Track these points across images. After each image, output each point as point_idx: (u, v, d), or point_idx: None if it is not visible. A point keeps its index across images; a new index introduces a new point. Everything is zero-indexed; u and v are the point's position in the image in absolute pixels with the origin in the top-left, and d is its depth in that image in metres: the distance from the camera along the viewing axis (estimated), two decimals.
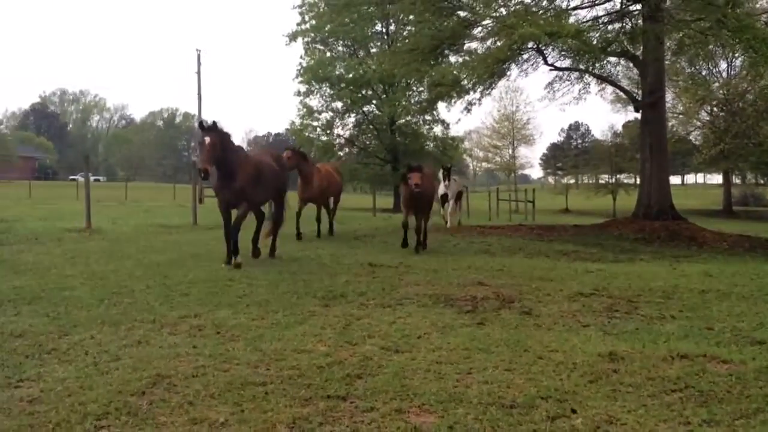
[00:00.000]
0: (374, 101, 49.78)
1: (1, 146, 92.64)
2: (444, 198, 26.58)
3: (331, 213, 22.13)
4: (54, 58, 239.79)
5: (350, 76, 48.19)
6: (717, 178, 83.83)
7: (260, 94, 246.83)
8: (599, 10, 29.00)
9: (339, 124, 52.27)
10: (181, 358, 6.96)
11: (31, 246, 16.20)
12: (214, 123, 13.14)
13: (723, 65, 56.52)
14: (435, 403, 5.66)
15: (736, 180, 78.81)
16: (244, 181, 13.41)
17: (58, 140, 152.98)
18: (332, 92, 50.10)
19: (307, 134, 51.95)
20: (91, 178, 22.29)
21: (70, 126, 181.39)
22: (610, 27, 28.62)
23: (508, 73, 29.57)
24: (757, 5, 30.72)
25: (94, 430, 5.05)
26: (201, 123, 13.27)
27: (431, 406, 5.61)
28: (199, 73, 65.29)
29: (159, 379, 6.26)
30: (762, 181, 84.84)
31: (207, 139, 12.61)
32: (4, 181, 75.49)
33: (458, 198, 28.85)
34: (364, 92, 49.65)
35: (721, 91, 60.93)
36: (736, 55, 38.41)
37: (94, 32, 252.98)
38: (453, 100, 30.65)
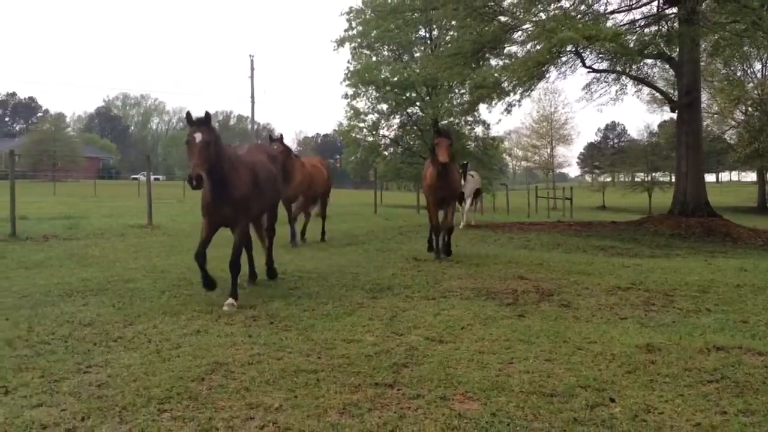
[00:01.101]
0: (418, 103, 49.65)
1: (68, 148, 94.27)
2: (461, 196, 24.03)
3: (322, 216, 18.62)
4: (117, 64, 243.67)
5: (395, 79, 48.12)
6: (751, 176, 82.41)
7: (309, 97, 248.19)
8: (636, 14, 28.79)
9: (384, 125, 52.25)
10: (238, 346, 7.05)
11: (97, 241, 16.48)
12: (207, 115, 9.08)
13: (758, 66, 55.52)
14: (478, 391, 5.66)
15: None
16: (244, 191, 9.53)
17: (121, 142, 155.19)
18: (378, 95, 50.08)
19: (354, 135, 52.03)
20: (152, 177, 22.14)
21: (132, 128, 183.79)
22: (646, 30, 28.38)
23: (547, 75, 29.45)
24: None
25: (157, 413, 5.13)
26: (189, 115, 9.00)
27: (474, 394, 5.61)
28: (252, 77, 66.35)
29: (217, 366, 6.34)
30: None
31: (198, 136, 8.77)
32: (71, 180, 76.79)
33: (476, 195, 26.91)
34: (408, 94, 49.54)
35: (755, 91, 59.83)
36: None
37: (155, 40, 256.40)
38: (494, 102, 30.49)
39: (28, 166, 78.05)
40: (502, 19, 27.05)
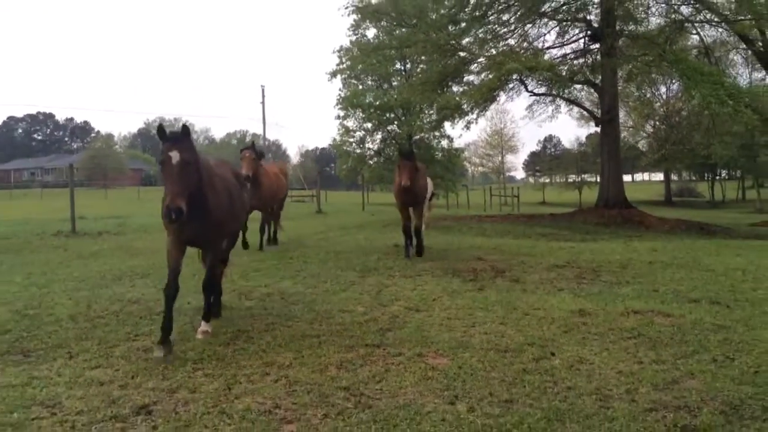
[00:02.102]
0: (396, 122, 49.57)
1: (116, 161, 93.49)
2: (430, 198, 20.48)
3: (275, 221, 14.47)
4: (156, 92, 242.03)
5: (377, 103, 48.04)
6: (659, 176, 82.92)
7: (309, 117, 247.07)
8: (567, 49, 28.99)
9: (369, 139, 52.04)
10: (255, 317, 7.04)
11: (141, 235, 16.38)
12: (185, 129, 5.73)
13: (663, 89, 55.82)
14: (447, 349, 5.69)
15: (674, 177, 77.90)
16: (221, 211, 6.23)
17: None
18: (364, 116, 49.97)
19: (345, 148, 51.92)
20: None
21: None
22: (575, 61, 28.64)
23: (498, 98, 29.53)
24: (689, 42, 30.28)
25: (192, 371, 5.13)
26: (161, 129, 5.58)
27: (444, 352, 5.63)
28: (263, 103, 65.78)
29: (239, 333, 6.33)
30: (694, 178, 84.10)
31: (175, 156, 5.47)
32: (119, 187, 76.22)
33: (430, 199, 22.27)
34: (388, 115, 49.45)
35: (661, 109, 60.40)
36: (673, 81, 37.88)
37: (187, 72, 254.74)
38: (456, 120, 30.46)
39: (84, 177, 77.24)
40: (462, 54, 27.10)
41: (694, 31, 28.14)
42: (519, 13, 26.85)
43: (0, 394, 4.60)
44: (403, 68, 48.23)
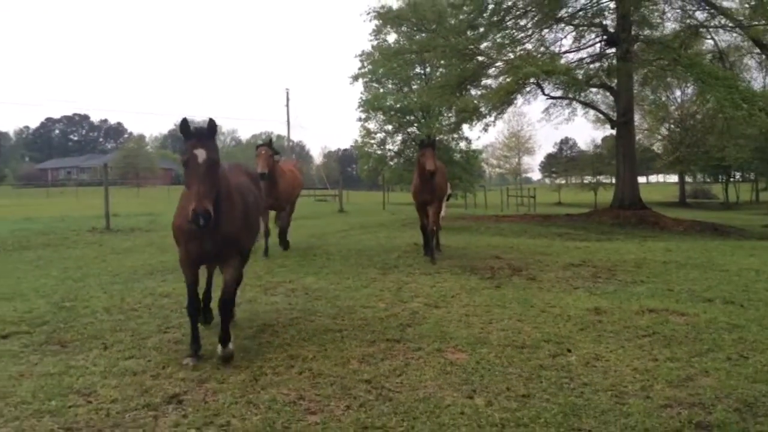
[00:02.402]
0: (415, 124, 49.53)
1: (148, 161, 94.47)
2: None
3: (287, 221, 12.88)
4: (186, 94, 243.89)
5: (398, 106, 48.06)
6: (674, 178, 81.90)
7: (332, 119, 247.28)
8: (583, 53, 28.80)
9: (390, 141, 52.07)
10: (280, 312, 7.07)
11: (172, 232, 16.49)
12: (213, 125, 5.00)
13: (678, 93, 55.08)
14: (465, 345, 5.68)
15: (689, 179, 76.90)
16: (237, 223, 5.44)
17: None
18: (384, 118, 50.02)
19: (366, 149, 52.02)
20: None
21: None
22: (592, 65, 28.39)
23: (515, 101, 29.48)
24: (703, 47, 29.90)
25: (220, 363, 5.17)
26: (185, 124, 4.91)
27: (463, 347, 5.62)
28: (288, 105, 66.07)
29: (265, 327, 6.37)
30: (708, 180, 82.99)
31: (201, 155, 4.84)
32: (150, 186, 76.98)
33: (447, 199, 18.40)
34: (408, 118, 49.43)
35: (676, 113, 59.67)
36: (688, 84, 37.43)
37: (214, 74, 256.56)
38: (474, 123, 30.42)
39: (117, 176, 78.08)
40: (480, 58, 27.01)
41: (709, 36, 27.81)
42: (536, 19, 26.71)
43: (39, 382, 4.67)
44: (422, 72, 48.18)
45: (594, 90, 30.43)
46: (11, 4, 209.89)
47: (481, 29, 26.53)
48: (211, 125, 4.95)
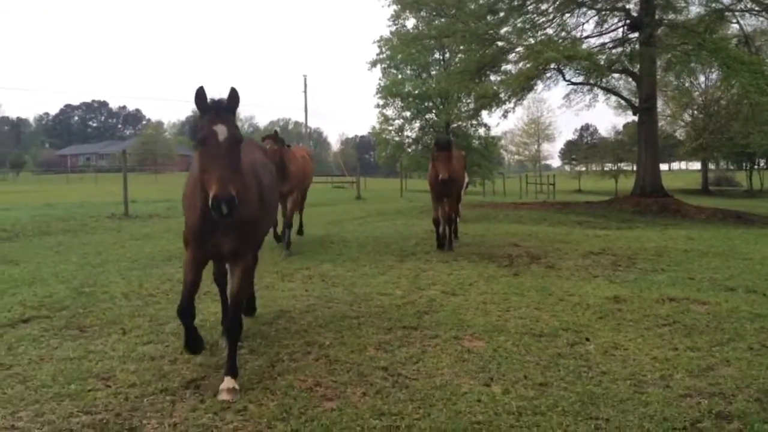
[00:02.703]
0: (434, 110, 49.39)
1: (166, 148, 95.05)
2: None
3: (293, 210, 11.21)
4: (203, 81, 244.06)
5: (416, 92, 47.92)
6: (696, 165, 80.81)
7: (350, 106, 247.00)
8: (605, 38, 28.43)
9: (408, 127, 52.00)
10: (297, 298, 7.11)
11: None
12: (234, 96, 4.18)
13: (702, 78, 54.27)
14: (483, 332, 5.67)
15: (711, 166, 75.82)
16: (253, 208, 4.64)
17: None
18: (402, 104, 49.94)
19: (384, 136, 52.01)
20: None
21: None
22: (614, 50, 28.01)
23: (535, 87, 29.14)
24: (729, 31, 29.36)
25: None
26: (201, 94, 4.11)
27: (480, 335, 5.62)
28: (305, 92, 66.03)
29: (282, 313, 6.41)
30: (732, 167, 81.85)
31: (222, 132, 4.00)
32: (168, 173, 77.56)
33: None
34: (426, 104, 49.32)
35: (700, 98, 58.82)
36: (712, 70, 36.81)
37: (233, 61, 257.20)
38: (493, 109, 30.25)
39: (136, 163, 78.65)
40: (500, 43, 26.81)
41: (735, 20, 27.30)
42: (557, 3, 26.38)
43: (58, 366, 4.74)
44: (441, 58, 47.95)
45: (616, 76, 30.09)
46: None
47: (501, 14, 26.28)
48: (233, 96, 4.14)
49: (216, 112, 4.06)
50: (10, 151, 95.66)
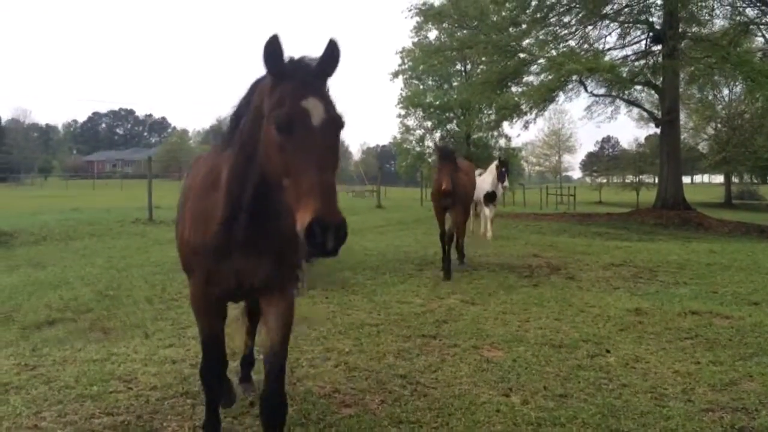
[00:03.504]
0: (455, 121, 49.36)
1: (190, 155, 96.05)
2: (491, 198, 13.68)
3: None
4: (229, 90, 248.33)
5: (437, 102, 47.90)
6: (719, 178, 79.72)
7: (372, 116, 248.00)
8: (628, 50, 28.27)
9: (429, 138, 52.05)
10: (317, 305, 7.10)
11: None
12: (335, 47, 2.58)
13: (725, 91, 53.64)
14: (502, 342, 5.63)
15: (735, 179, 74.81)
16: (285, 238, 2.87)
17: None
18: (423, 115, 49.96)
19: (405, 146, 52.04)
20: None
21: None
22: (636, 63, 27.83)
23: (557, 98, 29.07)
24: (753, 45, 29.02)
25: (257, 354, 5.20)
26: (275, 45, 2.48)
27: (499, 345, 5.57)
28: None
29: (301, 320, 6.40)
30: (756, 181, 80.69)
31: (318, 113, 2.43)
32: None
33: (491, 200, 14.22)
34: (447, 114, 49.26)
35: (723, 111, 58.07)
36: (737, 83, 36.39)
37: (255, 70, 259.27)
38: (514, 120, 30.19)
39: (160, 169, 79.59)
40: (522, 55, 26.78)
41: (759, 33, 26.98)
42: (580, 15, 26.32)
43: (82, 368, 4.78)
44: (463, 69, 47.91)
45: (638, 88, 29.86)
46: (61, 2, 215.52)
47: (524, 26, 26.28)
48: (332, 53, 2.58)
49: (303, 79, 2.51)
50: (38, 156, 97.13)
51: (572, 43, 27.50)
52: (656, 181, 36.34)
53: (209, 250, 2.99)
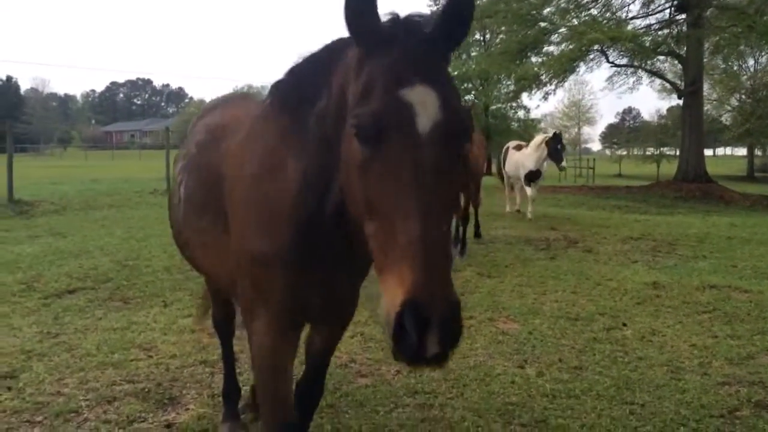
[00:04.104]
0: (473, 92, 48.94)
1: None
2: (533, 177, 12.96)
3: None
4: (247, 60, 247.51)
5: (455, 73, 47.41)
6: (742, 151, 78.50)
7: None
8: (651, 19, 27.66)
9: None
10: None
11: None
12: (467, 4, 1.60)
13: (751, 62, 52.52)
14: (518, 315, 5.64)
15: (758, 152, 73.63)
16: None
17: None
18: None
19: None
20: None
21: None
22: (660, 32, 27.25)
23: (577, 69, 28.59)
24: None
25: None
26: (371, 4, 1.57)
27: (515, 317, 5.59)
28: None
29: None
30: None
31: (432, 112, 1.50)
32: None
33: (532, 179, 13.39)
34: (466, 85, 48.73)
35: (748, 83, 56.90)
36: (762, 53, 35.67)
37: (274, 39, 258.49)
38: (533, 91, 29.85)
39: (178, 140, 79.79)
40: (542, 24, 26.33)
41: None
42: None
43: (103, 336, 4.88)
44: (482, 38, 47.29)
45: (661, 58, 29.31)
46: None
47: None
48: (462, 7, 1.66)
49: (408, 50, 1.62)
50: (58, 126, 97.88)
51: (594, 11, 26.95)
52: (677, 153, 35.86)
53: (284, 266, 2.07)
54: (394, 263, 1.43)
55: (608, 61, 27.94)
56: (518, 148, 13.75)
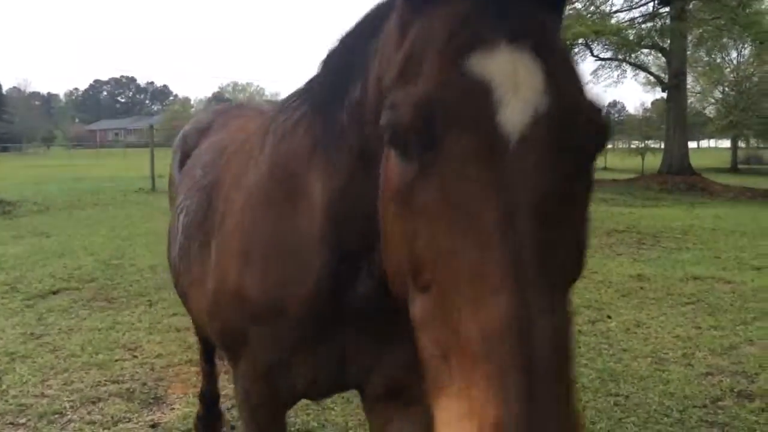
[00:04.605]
0: None
1: None
2: None
3: None
4: (232, 57, 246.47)
5: None
6: (725, 143, 79.15)
7: None
8: (635, 13, 27.83)
9: None
10: None
11: None
12: None
13: (734, 54, 52.99)
14: None
15: (741, 144, 74.26)
16: None
17: None
18: None
19: None
20: None
21: None
22: (644, 25, 27.42)
23: None
24: (763, 6, 28.54)
25: None
26: None
27: None
28: None
29: None
30: (762, 145, 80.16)
31: (534, 101, 0.83)
32: None
33: None
34: None
35: (732, 75, 57.46)
36: (745, 45, 35.98)
37: (261, 36, 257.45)
38: None
39: (163, 138, 79.36)
40: None
41: None
42: None
43: (87, 336, 4.85)
44: None
45: (645, 51, 29.51)
46: None
47: None
48: None
49: (510, 18, 0.92)
50: (40, 125, 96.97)
51: (578, 5, 27.03)
52: (662, 146, 36.13)
53: (299, 318, 1.54)
54: (462, 378, 0.80)
55: (593, 55, 28.08)
56: None
